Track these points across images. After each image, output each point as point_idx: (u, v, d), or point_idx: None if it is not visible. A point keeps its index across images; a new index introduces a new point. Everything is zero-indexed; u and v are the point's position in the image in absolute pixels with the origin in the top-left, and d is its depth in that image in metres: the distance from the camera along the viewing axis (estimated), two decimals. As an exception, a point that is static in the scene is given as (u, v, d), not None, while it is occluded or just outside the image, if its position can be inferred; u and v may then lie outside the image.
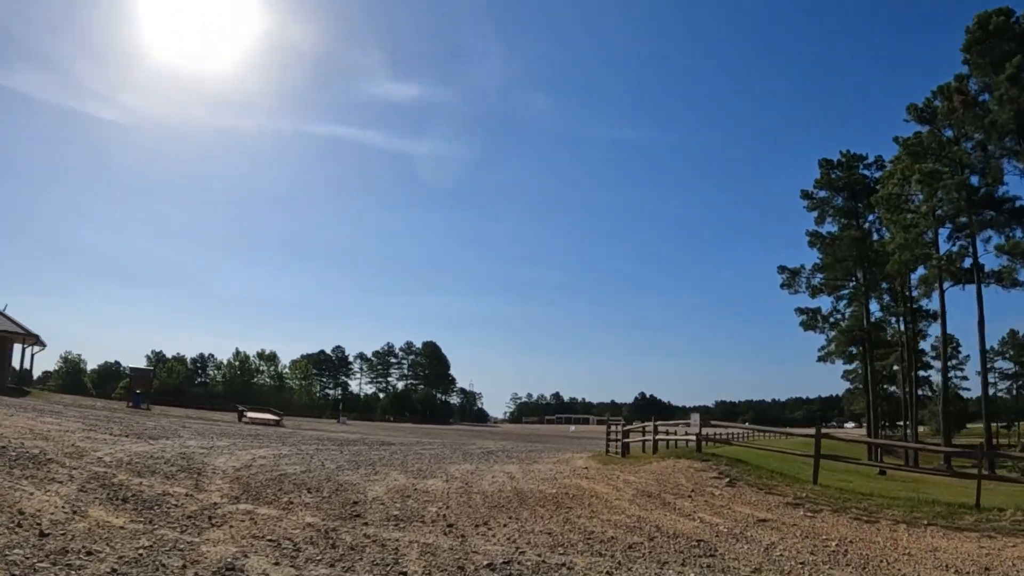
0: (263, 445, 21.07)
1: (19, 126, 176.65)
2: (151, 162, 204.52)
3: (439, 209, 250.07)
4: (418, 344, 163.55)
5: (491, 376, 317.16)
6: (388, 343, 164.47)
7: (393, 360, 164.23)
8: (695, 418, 23.63)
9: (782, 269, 63.05)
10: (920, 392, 67.69)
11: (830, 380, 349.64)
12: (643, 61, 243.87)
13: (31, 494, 9.41)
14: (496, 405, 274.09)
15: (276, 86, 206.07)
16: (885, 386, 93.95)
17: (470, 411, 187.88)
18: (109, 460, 13.28)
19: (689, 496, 14.65)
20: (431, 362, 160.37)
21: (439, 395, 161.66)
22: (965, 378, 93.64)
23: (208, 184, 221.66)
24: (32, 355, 45.07)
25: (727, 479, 16.25)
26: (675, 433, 29.06)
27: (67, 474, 11.18)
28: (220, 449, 18.03)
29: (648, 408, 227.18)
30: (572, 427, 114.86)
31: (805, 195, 62.86)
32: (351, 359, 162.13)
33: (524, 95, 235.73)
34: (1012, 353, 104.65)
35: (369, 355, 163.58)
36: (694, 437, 22.59)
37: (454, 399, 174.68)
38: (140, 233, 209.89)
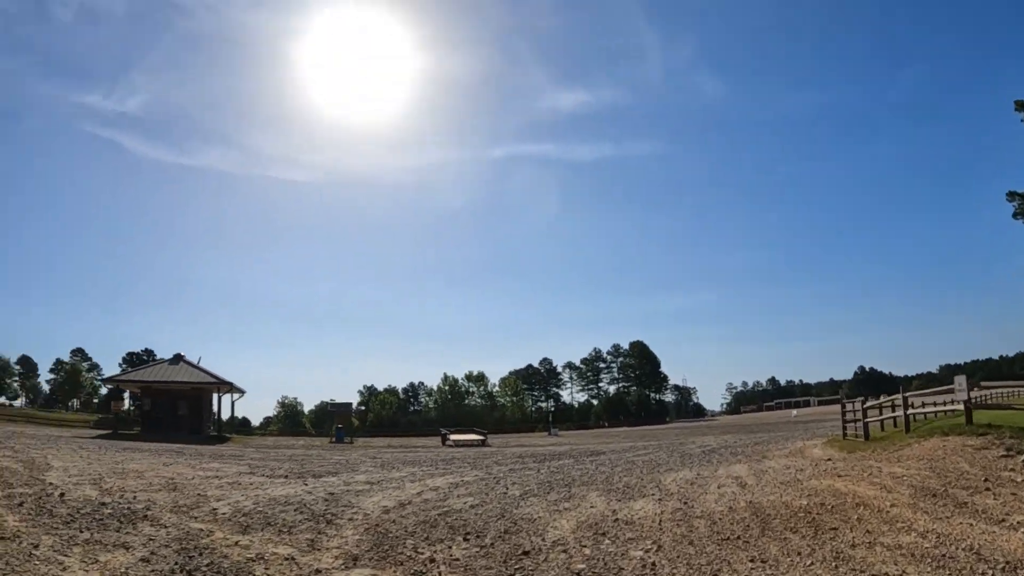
0: (446, 472, 17.97)
1: (216, 200, 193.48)
2: (340, 211, 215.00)
3: (622, 210, 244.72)
4: (625, 346, 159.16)
5: (703, 369, 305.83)
6: (595, 348, 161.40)
7: (602, 365, 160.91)
8: (960, 381, 18.53)
9: (1012, 195, 53.30)
10: None
11: None
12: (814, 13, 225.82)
13: (64, 568, 6.77)
14: (712, 398, 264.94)
15: (444, 119, 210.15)
16: None
17: (686, 407, 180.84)
18: (225, 511, 10.49)
19: (987, 489, 9.98)
20: (641, 362, 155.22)
21: (652, 394, 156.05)
22: None
23: (395, 222, 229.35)
24: (232, 402, 46.36)
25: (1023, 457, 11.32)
26: (923, 405, 24.26)
27: (147, 536, 8.44)
28: (388, 483, 15.03)
29: (869, 382, 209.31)
30: (794, 411, 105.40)
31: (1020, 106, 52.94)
32: (559, 369, 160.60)
33: (691, 81, 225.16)
34: None
35: (577, 363, 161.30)
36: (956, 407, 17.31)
37: (668, 397, 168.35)
38: (348, 279, 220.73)
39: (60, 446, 23.36)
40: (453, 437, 43.68)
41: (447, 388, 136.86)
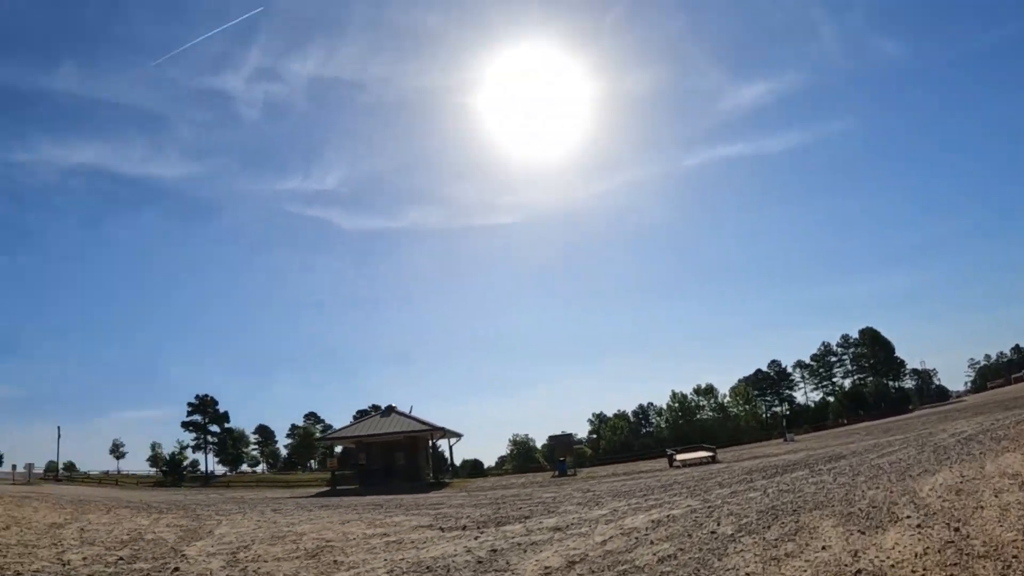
0: (655, 505, 16.31)
1: (428, 254, 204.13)
2: (542, 246, 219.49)
3: (826, 194, 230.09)
4: (855, 335, 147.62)
5: (941, 348, 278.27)
6: (824, 342, 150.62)
7: (833, 359, 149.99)
8: None
9: None
10: None
11: None
12: None
13: None
14: (954, 377, 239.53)
15: (629, 138, 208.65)
16: None
17: (927, 392, 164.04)
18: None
19: None
20: (874, 350, 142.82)
21: (891, 383, 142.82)
22: None
23: (597, 246, 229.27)
24: (450, 447, 47.28)
25: None
26: None
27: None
28: (577, 527, 13.62)
29: None
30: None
31: None
32: (789, 370, 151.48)
33: (870, 45, 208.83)
34: None
35: (807, 360, 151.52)
36: None
37: (908, 383, 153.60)
38: (562, 309, 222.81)
39: (256, 508, 24.21)
40: (680, 457, 41.49)
41: (676, 405, 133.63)
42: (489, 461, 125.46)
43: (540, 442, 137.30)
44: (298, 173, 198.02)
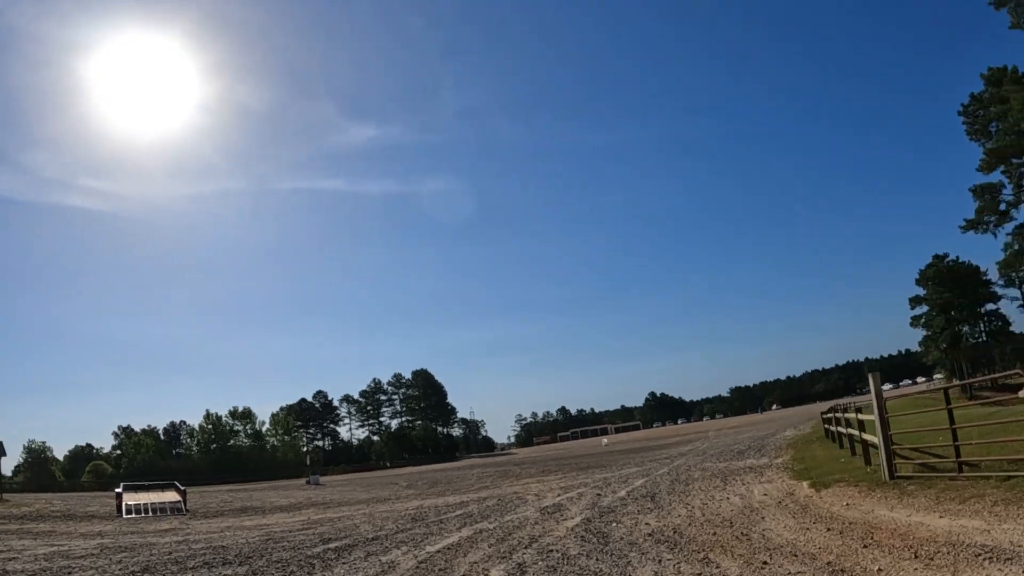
0: None
1: None
2: (116, 240, 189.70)
3: (404, 243, 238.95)
4: (407, 375, 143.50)
5: (489, 401, 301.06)
6: (375, 379, 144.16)
7: (383, 397, 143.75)
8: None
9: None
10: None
11: (847, 349, 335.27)
12: (606, 64, 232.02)
13: None
14: (500, 430, 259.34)
15: (231, 147, 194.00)
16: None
17: (475, 441, 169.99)
18: None
19: None
20: (426, 392, 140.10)
21: (440, 428, 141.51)
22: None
23: (169, 252, 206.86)
24: None
25: None
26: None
27: None
28: None
29: (662, 407, 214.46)
30: (605, 439, 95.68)
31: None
32: (336, 403, 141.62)
33: (485, 120, 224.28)
34: None
35: (356, 396, 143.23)
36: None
37: (456, 431, 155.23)
38: (119, 308, 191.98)
39: None
40: (131, 501, 26.79)
41: (210, 427, 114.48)
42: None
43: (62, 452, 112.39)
44: None
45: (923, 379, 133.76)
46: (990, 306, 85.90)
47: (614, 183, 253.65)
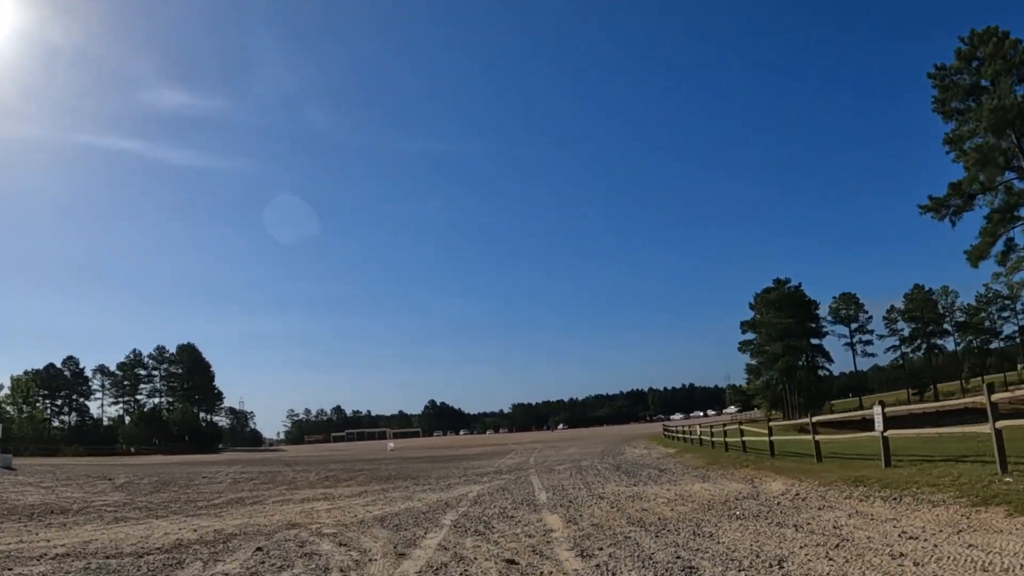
0: None
1: None
2: None
3: (199, 220, 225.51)
4: (172, 349, 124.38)
5: (259, 392, 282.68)
6: (135, 350, 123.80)
7: (142, 372, 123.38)
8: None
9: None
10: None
11: (631, 377, 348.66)
12: (444, 76, 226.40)
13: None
14: (269, 425, 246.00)
15: (35, 91, 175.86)
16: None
17: (242, 433, 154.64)
18: None
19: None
20: (191, 371, 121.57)
21: (203, 414, 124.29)
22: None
23: None
24: None
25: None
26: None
27: None
28: None
29: (442, 417, 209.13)
30: (391, 443, 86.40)
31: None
32: (88, 374, 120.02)
33: (307, 106, 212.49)
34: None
35: (113, 368, 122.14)
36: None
37: (222, 420, 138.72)
38: None
39: None
40: None
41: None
42: None
43: None
44: None
45: (712, 411, 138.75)
46: (815, 340, 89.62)
47: (431, 190, 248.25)
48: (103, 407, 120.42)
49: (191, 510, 14.03)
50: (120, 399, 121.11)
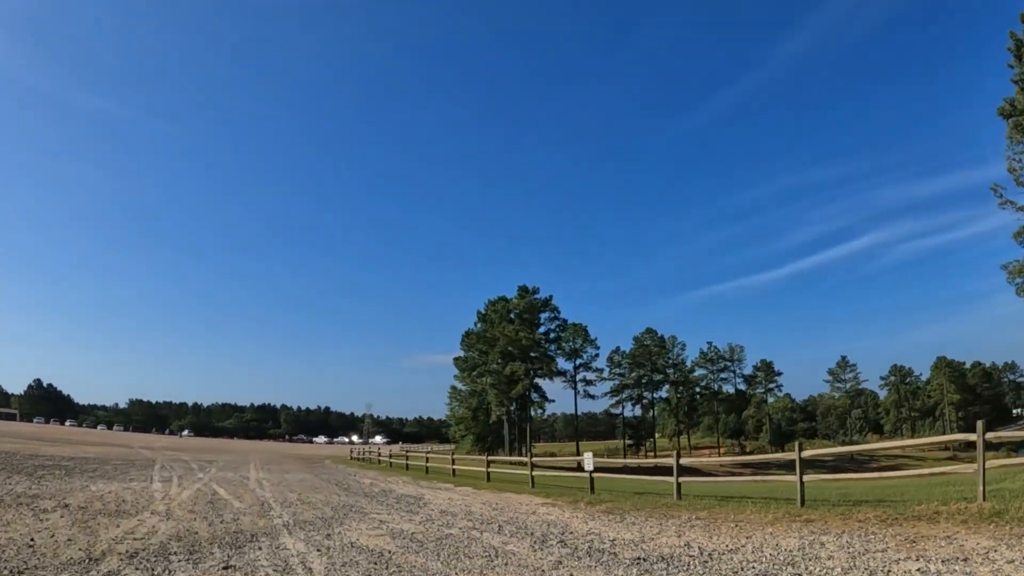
0: None
1: None
2: None
3: None
4: None
5: None
6: None
7: None
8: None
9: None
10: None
11: (262, 390, 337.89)
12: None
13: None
14: None
15: None
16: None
17: None
18: None
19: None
20: None
21: None
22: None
23: None
24: None
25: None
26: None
27: None
28: None
29: (49, 400, 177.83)
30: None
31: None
32: None
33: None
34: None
35: None
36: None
37: None
38: None
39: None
40: None
41: None
42: None
43: None
44: None
45: (357, 438, 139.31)
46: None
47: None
48: None
49: None
50: None
